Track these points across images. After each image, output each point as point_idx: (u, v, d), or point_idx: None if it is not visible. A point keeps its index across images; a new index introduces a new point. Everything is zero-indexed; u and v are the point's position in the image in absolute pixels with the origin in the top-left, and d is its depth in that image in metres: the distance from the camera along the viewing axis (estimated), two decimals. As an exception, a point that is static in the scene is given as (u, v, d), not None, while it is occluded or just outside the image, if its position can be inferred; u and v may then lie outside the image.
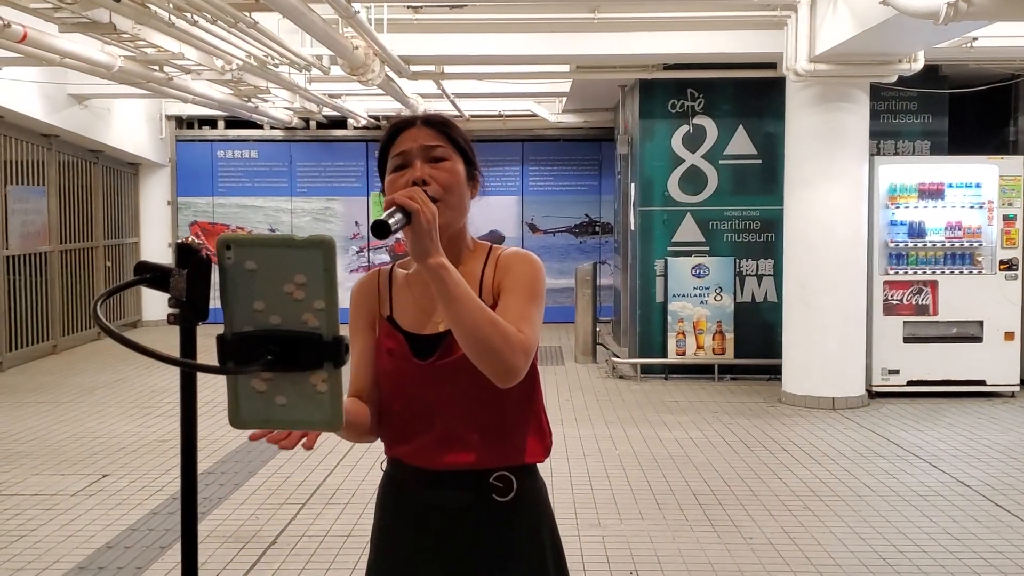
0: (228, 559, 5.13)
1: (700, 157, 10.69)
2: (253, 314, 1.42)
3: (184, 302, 1.40)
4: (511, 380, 2.00)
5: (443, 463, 2.13)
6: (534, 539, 2.19)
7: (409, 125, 2.17)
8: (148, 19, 6.34)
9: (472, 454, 2.13)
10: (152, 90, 10.11)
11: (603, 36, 8.96)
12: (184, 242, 1.43)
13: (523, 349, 1.98)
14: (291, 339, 1.40)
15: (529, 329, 2.03)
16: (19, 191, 11.51)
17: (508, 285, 2.12)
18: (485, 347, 1.94)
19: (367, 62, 7.86)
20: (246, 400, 1.45)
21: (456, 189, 2.12)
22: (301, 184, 15.38)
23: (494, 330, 1.94)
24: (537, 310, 2.11)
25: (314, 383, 1.42)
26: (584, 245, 15.45)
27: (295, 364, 1.40)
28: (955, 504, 6.05)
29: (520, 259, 2.17)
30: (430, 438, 2.14)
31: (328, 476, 6.71)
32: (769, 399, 9.40)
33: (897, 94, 10.24)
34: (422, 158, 2.11)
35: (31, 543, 5.38)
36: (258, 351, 1.39)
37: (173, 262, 1.43)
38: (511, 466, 2.16)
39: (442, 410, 2.13)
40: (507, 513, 2.15)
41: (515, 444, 2.17)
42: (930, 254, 9.49)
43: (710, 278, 10.59)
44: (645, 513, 5.92)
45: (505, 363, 1.95)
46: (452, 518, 2.14)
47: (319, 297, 1.40)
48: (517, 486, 2.15)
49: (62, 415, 8.78)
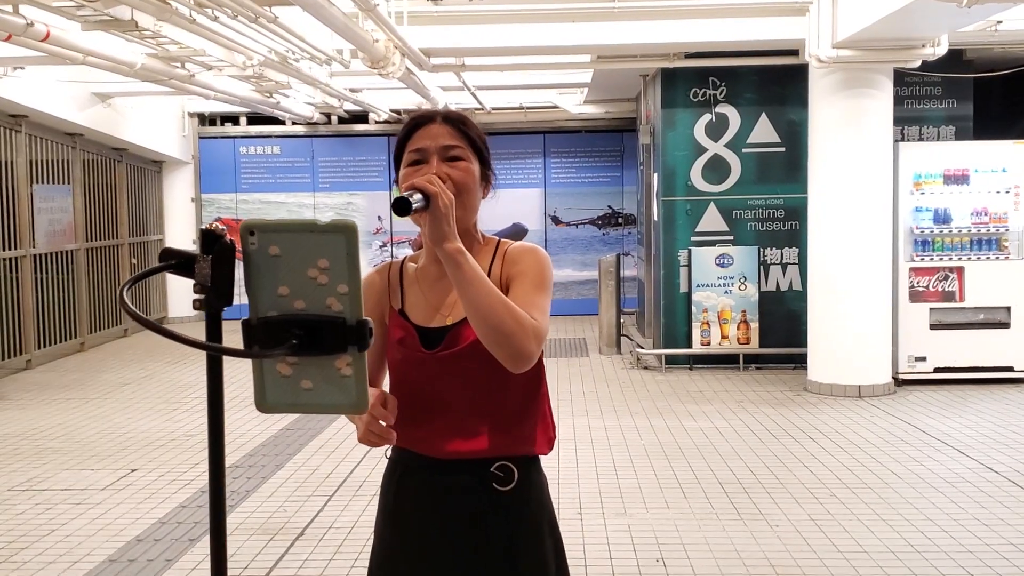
0: (256, 551, 5.16)
1: (723, 146, 10.65)
2: (277, 299, 1.43)
3: (209, 287, 1.40)
4: (523, 364, 2.03)
5: (447, 451, 2.18)
6: (535, 529, 2.22)
7: (429, 121, 2.20)
8: (169, 15, 6.37)
9: (476, 443, 2.17)
10: (174, 87, 10.16)
11: (624, 25, 8.93)
12: (208, 228, 1.43)
13: (535, 334, 2.02)
14: (315, 323, 1.40)
15: (540, 316, 2.07)
16: (45, 190, 11.61)
17: (516, 274, 2.17)
18: (499, 330, 1.97)
19: (387, 55, 7.87)
20: (272, 385, 1.46)
21: (470, 189, 2.17)
22: (323, 179, 15.43)
23: (508, 313, 1.97)
24: (546, 299, 2.15)
25: (339, 367, 1.43)
26: (607, 237, 15.42)
27: (320, 348, 1.41)
28: (983, 490, 6.01)
29: (527, 251, 2.22)
30: (436, 427, 2.19)
31: (355, 468, 6.74)
32: (795, 388, 9.37)
33: (921, 79, 10.17)
34: (439, 157, 2.15)
35: (62, 536, 5.43)
36: (283, 335, 1.40)
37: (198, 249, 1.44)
38: (514, 456, 2.19)
39: (448, 400, 2.17)
40: (507, 502, 2.18)
41: (519, 435, 2.20)
42: (956, 240, 9.42)
43: (734, 267, 10.55)
44: (671, 502, 5.91)
45: (518, 346, 1.99)
46: (454, 505, 2.18)
47: (343, 281, 1.40)
48: (518, 476, 2.19)
49: (91, 411, 8.85)
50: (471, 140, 2.20)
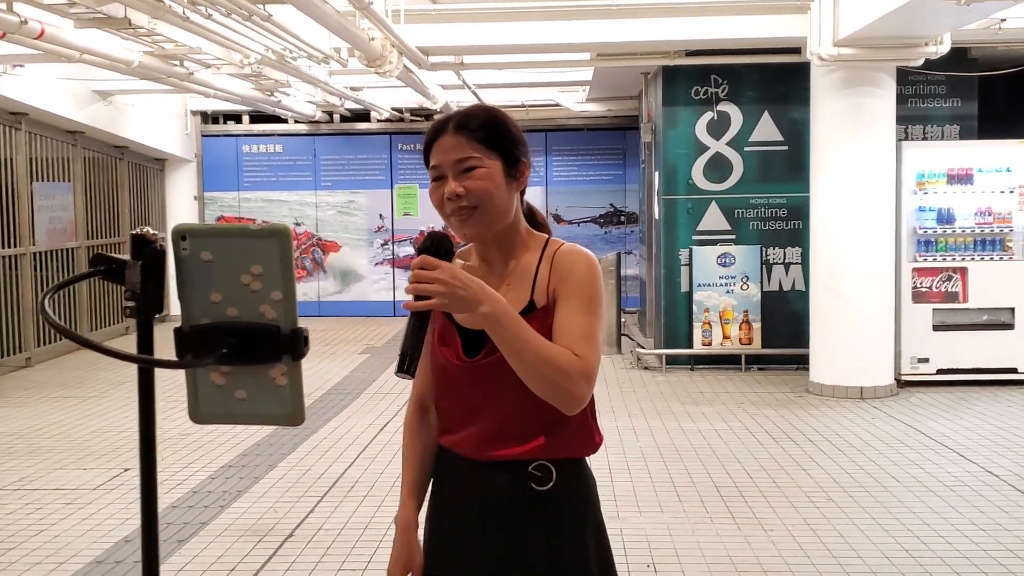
0: (244, 553, 5.12)
1: (725, 144, 10.58)
2: (210, 306, 1.38)
3: (139, 294, 1.35)
4: (574, 408, 2.04)
5: (488, 455, 2.17)
6: (576, 531, 2.17)
7: (441, 132, 2.16)
8: (163, 13, 6.33)
9: (516, 448, 2.15)
10: (174, 85, 10.13)
11: (623, 22, 8.86)
12: (139, 232, 1.37)
13: (583, 375, 2.01)
14: (249, 331, 1.36)
15: (588, 348, 2.04)
16: (45, 187, 11.58)
17: (565, 294, 2.12)
18: (543, 385, 1.99)
19: (384, 53, 7.82)
20: (206, 395, 1.41)
21: (493, 195, 2.12)
22: (325, 178, 15.39)
23: (551, 368, 1.97)
24: (597, 320, 2.11)
25: (274, 376, 1.38)
26: (609, 235, 15.35)
27: (253, 357, 1.36)
28: (982, 494, 5.93)
29: (576, 261, 2.14)
30: (476, 431, 2.18)
31: (348, 468, 6.69)
32: (796, 389, 9.29)
33: (925, 78, 10.07)
34: (452, 173, 2.11)
35: (50, 537, 5.40)
36: (215, 344, 1.35)
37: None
38: (553, 458, 2.16)
39: (489, 406, 2.16)
40: (547, 503, 2.15)
41: (561, 438, 2.17)
42: (960, 240, 9.33)
43: (736, 267, 10.47)
44: (665, 506, 5.85)
45: (566, 396, 2.00)
46: (491, 504, 2.16)
47: (276, 288, 1.36)
48: (556, 476, 2.15)
49: (88, 410, 8.82)
50: (488, 140, 2.14)
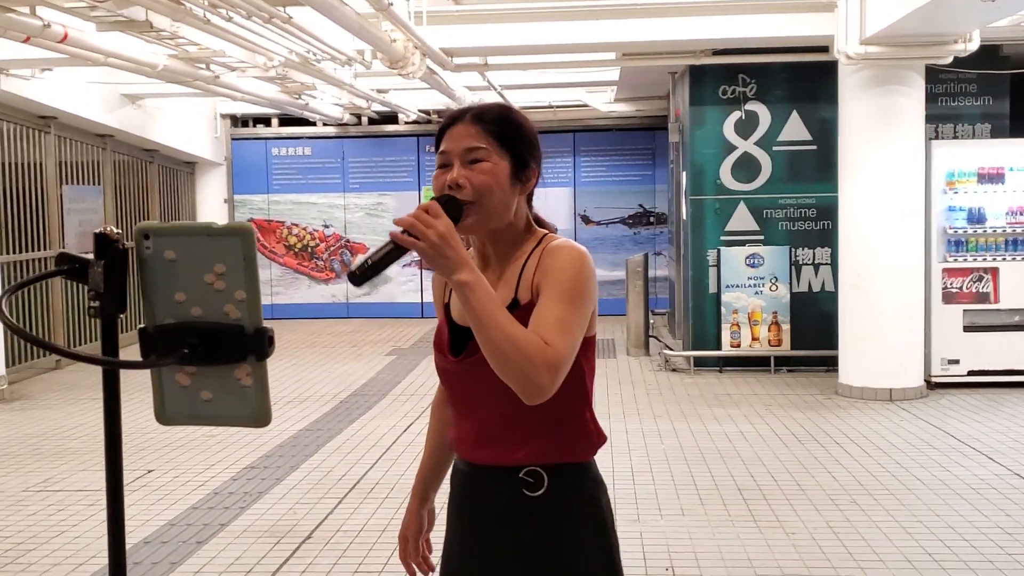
0: (262, 555, 5.12)
1: (753, 144, 10.48)
2: (175, 306, 1.36)
3: (102, 293, 1.34)
4: (535, 398, 1.94)
5: (479, 456, 2.17)
6: (573, 534, 2.13)
7: (457, 120, 2.14)
8: (183, 16, 6.36)
9: (504, 451, 2.13)
10: (201, 88, 10.18)
11: (649, 22, 8.81)
12: (102, 231, 1.36)
13: (548, 365, 1.91)
14: (212, 331, 1.34)
15: (560, 339, 1.96)
16: (75, 191, 11.69)
17: (545, 285, 2.06)
18: (504, 366, 1.91)
19: (406, 55, 7.81)
20: (171, 396, 1.40)
21: (493, 191, 2.08)
22: (354, 180, 15.44)
23: (514, 349, 1.89)
24: (576, 313, 2.02)
25: (238, 377, 1.36)
26: (638, 236, 15.28)
27: (217, 357, 1.34)
28: (1009, 497, 5.83)
29: (562, 253, 2.09)
30: (469, 431, 2.18)
31: (369, 470, 6.69)
32: (825, 391, 9.19)
33: (955, 76, 9.93)
34: (460, 161, 2.09)
35: (70, 539, 5.43)
36: (179, 344, 1.33)
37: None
38: (545, 464, 2.12)
39: (478, 405, 2.14)
40: (540, 508, 2.12)
41: (552, 442, 2.13)
42: (991, 240, 9.19)
43: (765, 268, 10.37)
44: (687, 509, 5.79)
45: (526, 383, 1.91)
46: (485, 508, 2.17)
47: (240, 287, 1.33)
48: (549, 482, 2.12)
49: (115, 411, 8.87)
50: (502, 137, 2.11)
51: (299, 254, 15.65)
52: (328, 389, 9.82)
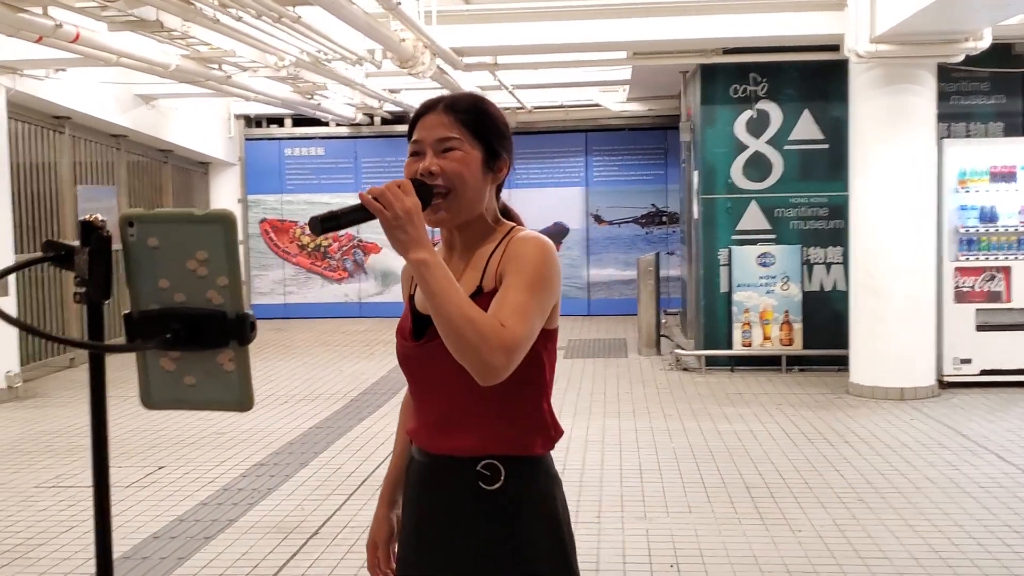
0: (268, 550, 5.15)
1: (764, 143, 10.47)
2: (158, 292, 1.39)
3: (88, 280, 1.36)
4: (489, 379, 1.93)
5: (437, 446, 2.15)
6: (526, 528, 2.12)
7: (430, 109, 2.15)
8: (193, 16, 6.40)
9: (462, 440, 2.11)
10: (213, 88, 10.23)
11: (660, 21, 8.82)
12: (87, 219, 1.38)
13: (502, 346, 1.91)
14: (195, 317, 1.36)
15: (517, 323, 1.96)
16: (89, 191, 11.77)
17: (508, 271, 2.06)
18: (459, 344, 1.90)
19: (416, 54, 7.84)
20: (156, 381, 1.42)
21: (466, 180, 2.09)
22: (367, 180, 15.47)
23: (470, 327, 1.88)
24: (536, 300, 2.02)
25: (221, 362, 1.38)
26: (651, 236, 15.27)
27: (200, 342, 1.36)
28: (1018, 496, 5.80)
29: (526, 244, 2.09)
30: (428, 420, 2.17)
31: (378, 467, 6.71)
32: (836, 390, 9.17)
33: (968, 75, 9.88)
34: (433, 149, 2.09)
35: (79, 534, 5.47)
36: (162, 329, 1.35)
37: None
38: (503, 456, 2.11)
39: (438, 393, 2.14)
40: (495, 502, 2.10)
41: (510, 434, 2.12)
42: (1003, 239, 9.15)
43: (776, 267, 10.35)
44: (694, 506, 5.79)
45: (479, 362, 1.90)
46: (440, 500, 2.15)
47: (222, 273, 1.35)
48: (506, 475, 2.10)
49: (128, 408, 8.90)
50: (474, 127, 2.12)
51: (312, 254, 15.72)
52: (339, 387, 9.86)
